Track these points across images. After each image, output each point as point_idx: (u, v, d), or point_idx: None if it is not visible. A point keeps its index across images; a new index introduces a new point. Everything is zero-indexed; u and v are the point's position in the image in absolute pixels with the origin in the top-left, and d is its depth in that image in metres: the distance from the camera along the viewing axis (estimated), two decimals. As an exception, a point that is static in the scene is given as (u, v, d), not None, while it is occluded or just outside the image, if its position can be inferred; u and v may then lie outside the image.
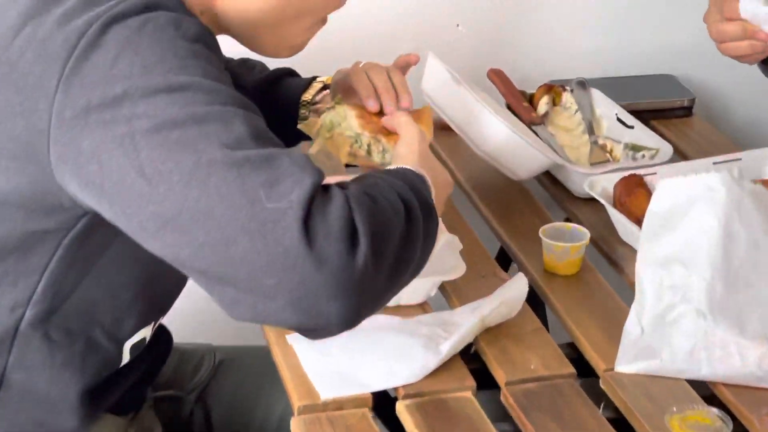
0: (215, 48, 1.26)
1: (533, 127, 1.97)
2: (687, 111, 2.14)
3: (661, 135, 2.06)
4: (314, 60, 2.06)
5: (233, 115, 1.17)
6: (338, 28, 2.03)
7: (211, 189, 1.12)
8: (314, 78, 1.66)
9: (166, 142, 1.14)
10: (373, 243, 1.14)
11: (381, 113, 1.53)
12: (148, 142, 1.15)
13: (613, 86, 2.14)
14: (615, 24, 2.22)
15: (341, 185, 1.18)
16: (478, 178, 1.91)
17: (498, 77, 2.06)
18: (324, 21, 1.41)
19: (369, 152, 1.49)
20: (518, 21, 2.19)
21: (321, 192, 1.14)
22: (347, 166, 1.77)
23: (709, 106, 2.28)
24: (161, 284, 1.40)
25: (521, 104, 2.01)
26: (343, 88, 1.58)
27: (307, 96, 1.63)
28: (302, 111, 1.62)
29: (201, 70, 1.19)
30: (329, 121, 1.52)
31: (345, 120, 1.52)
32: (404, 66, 1.64)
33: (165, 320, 1.48)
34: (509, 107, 2.02)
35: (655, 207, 1.55)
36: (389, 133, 1.51)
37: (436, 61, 1.90)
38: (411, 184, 1.25)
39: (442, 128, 1.90)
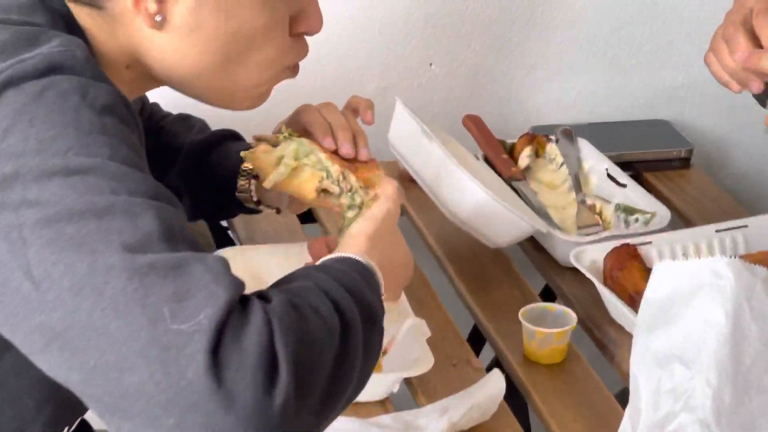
0: (130, 120, 1.04)
1: (513, 183, 1.76)
2: (684, 162, 1.93)
3: (656, 190, 1.87)
4: (270, 103, 1.87)
5: (142, 207, 0.96)
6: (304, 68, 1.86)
7: (107, 301, 0.92)
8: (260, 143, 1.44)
9: (58, 239, 0.94)
10: (298, 373, 0.92)
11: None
12: (38, 237, 0.94)
13: (602, 134, 1.94)
14: (603, 65, 2.01)
15: (262, 295, 0.96)
16: (451, 240, 1.70)
17: (474, 124, 1.85)
18: (293, 70, 1.20)
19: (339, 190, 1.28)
20: (498, 61, 1.97)
21: (237, 310, 0.93)
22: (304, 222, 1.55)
23: (708, 155, 2.07)
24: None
25: (500, 156, 1.80)
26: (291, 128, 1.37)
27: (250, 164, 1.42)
28: (241, 181, 1.41)
29: (108, 150, 0.98)
30: (295, 150, 1.29)
31: (312, 152, 1.30)
32: (356, 109, 1.44)
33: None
34: (486, 159, 1.81)
35: (651, 294, 1.34)
36: (357, 170, 1.29)
37: (405, 109, 1.69)
38: (351, 284, 1.03)
39: (411, 180, 1.70)
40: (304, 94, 1.86)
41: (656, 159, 1.92)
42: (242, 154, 1.30)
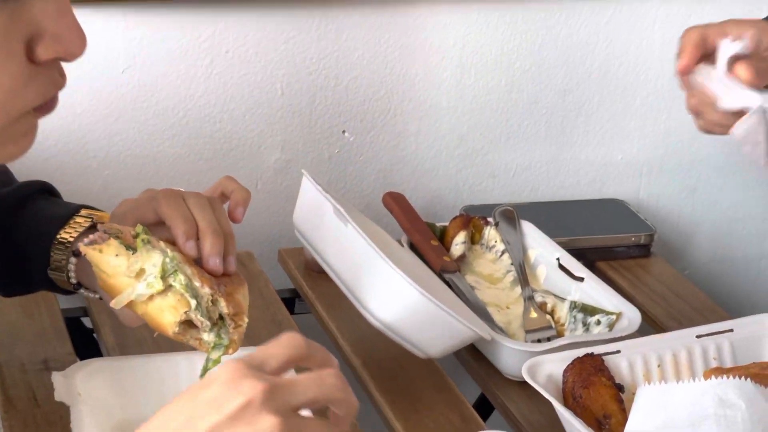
0: None
1: (445, 276, 1.44)
2: (644, 250, 1.63)
3: (612, 283, 1.56)
4: (141, 171, 1.56)
5: None
6: (179, 134, 1.55)
7: None
8: (79, 208, 1.13)
9: None
10: None
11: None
12: None
13: (547, 216, 1.64)
14: (547, 134, 1.72)
15: None
16: (371, 347, 1.38)
17: (397, 204, 1.54)
18: (48, 106, 0.85)
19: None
20: (424, 128, 1.66)
21: None
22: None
23: (668, 240, 1.79)
24: None
25: (429, 242, 1.49)
26: (136, 221, 1.07)
27: (67, 235, 1.11)
28: (56, 256, 1.11)
29: None
30: (162, 266, 0.98)
31: (180, 268, 1.00)
32: (226, 194, 1.14)
33: None
34: (412, 246, 1.49)
35: (636, 427, 1.03)
36: (229, 294, 1.02)
37: (313, 185, 1.38)
38: None
39: (321, 271, 1.39)
40: (187, 169, 1.56)
41: (612, 246, 1.62)
42: (83, 248, 1.01)
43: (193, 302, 1.00)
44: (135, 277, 1.00)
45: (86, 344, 1.45)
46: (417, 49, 1.62)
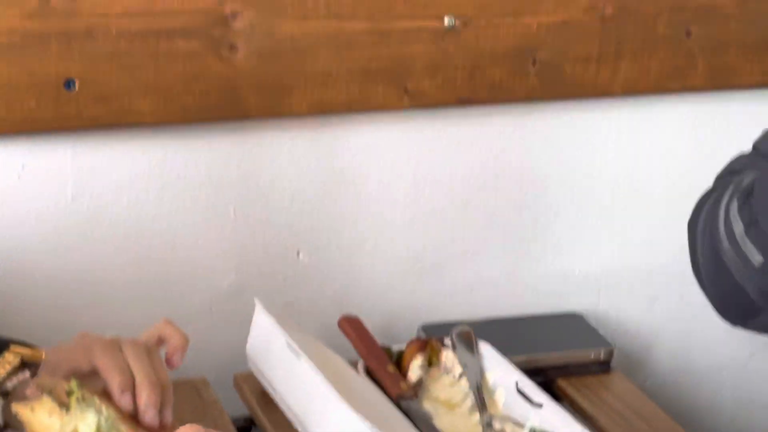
0: None
1: (403, 403, 1.41)
2: (604, 366, 1.62)
3: (573, 402, 1.55)
4: (90, 305, 1.53)
5: None
6: (130, 261, 1.53)
7: None
8: (7, 344, 1.09)
9: None
10: None
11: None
12: None
13: (505, 333, 1.63)
14: (506, 248, 1.70)
15: None
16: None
17: (352, 328, 1.52)
18: None
19: None
20: (378, 246, 1.65)
21: None
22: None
23: (628, 354, 1.77)
24: None
25: (385, 368, 1.46)
26: (70, 372, 1.05)
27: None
28: None
29: None
30: (99, 424, 0.96)
31: (115, 428, 0.98)
32: (163, 339, 1.13)
33: None
34: (369, 372, 1.47)
35: None
36: None
37: (267, 316, 1.36)
38: None
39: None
40: (140, 294, 1.54)
41: (572, 363, 1.61)
42: (15, 407, 0.99)
43: None
44: None
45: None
46: (371, 166, 1.61)
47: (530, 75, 1.59)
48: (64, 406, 0.98)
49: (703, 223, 1.21)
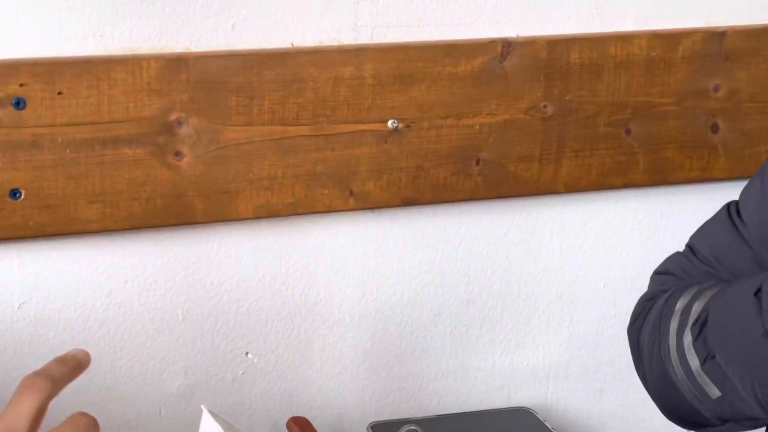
0: None
1: (352, 506, 1.42)
2: (553, 462, 1.63)
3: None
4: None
5: None
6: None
7: None
8: None
9: None
10: None
11: None
12: None
13: (453, 429, 1.65)
14: (454, 344, 1.72)
15: None
16: None
17: (301, 429, 1.52)
18: None
19: None
20: (327, 345, 1.66)
21: None
22: None
23: (577, 446, 1.78)
24: None
25: (334, 470, 1.47)
26: None
27: None
28: None
29: None
30: None
31: None
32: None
33: None
34: (318, 474, 1.48)
35: None
36: None
37: (214, 421, 1.35)
38: None
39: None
40: (88, 399, 1.53)
41: (521, 459, 1.62)
42: None
43: None
44: None
45: None
46: (318, 268, 1.62)
47: (474, 174, 1.61)
48: None
49: (649, 344, 1.19)
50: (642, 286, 1.35)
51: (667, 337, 1.14)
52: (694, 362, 1.09)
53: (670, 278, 1.27)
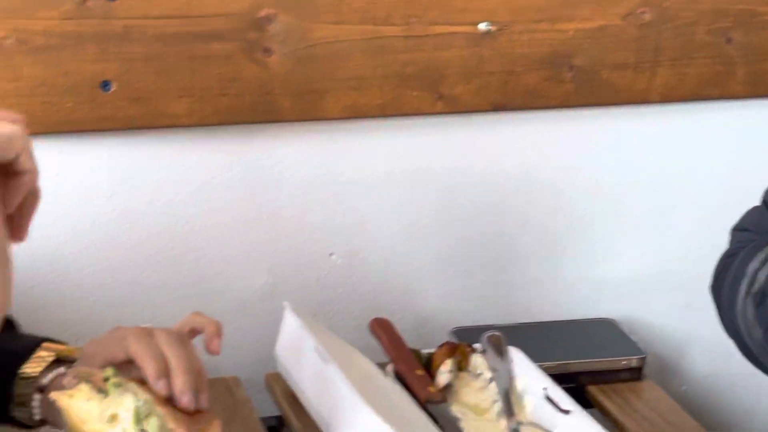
0: None
1: (430, 407, 1.42)
2: (635, 373, 1.61)
3: (603, 408, 1.54)
4: (122, 304, 1.55)
5: None
6: (164, 260, 1.54)
7: None
8: (41, 342, 1.13)
9: None
10: None
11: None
12: None
13: (537, 338, 1.62)
14: (540, 252, 1.70)
15: None
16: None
17: (383, 331, 1.52)
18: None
19: None
20: (411, 250, 1.65)
21: None
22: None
23: (660, 360, 1.76)
24: None
25: (413, 372, 1.46)
26: (106, 362, 1.06)
27: (30, 369, 1.10)
28: (20, 391, 1.10)
29: None
30: (135, 411, 0.98)
31: (153, 412, 1.00)
32: (196, 330, 1.13)
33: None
34: (397, 375, 1.48)
35: None
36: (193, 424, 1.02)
37: (296, 318, 1.37)
38: None
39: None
40: (173, 294, 1.55)
41: (603, 370, 1.60)
42: (53, 395, 1.00)
43: None
44: (108, 422, 1.00)
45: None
46: (404, 170, 1.61)
47: (566, 81, 1.59)
48: (102, 392, 0.99)
49: (726, 303, 1.19)
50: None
51: (735, 302, 1.13)
52: (757, 332, 1.08)
53: (748, 234, 1.25)
